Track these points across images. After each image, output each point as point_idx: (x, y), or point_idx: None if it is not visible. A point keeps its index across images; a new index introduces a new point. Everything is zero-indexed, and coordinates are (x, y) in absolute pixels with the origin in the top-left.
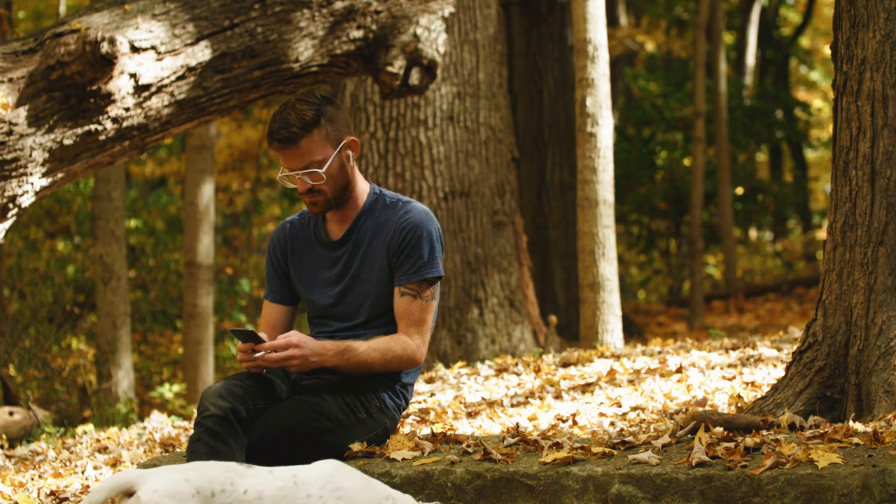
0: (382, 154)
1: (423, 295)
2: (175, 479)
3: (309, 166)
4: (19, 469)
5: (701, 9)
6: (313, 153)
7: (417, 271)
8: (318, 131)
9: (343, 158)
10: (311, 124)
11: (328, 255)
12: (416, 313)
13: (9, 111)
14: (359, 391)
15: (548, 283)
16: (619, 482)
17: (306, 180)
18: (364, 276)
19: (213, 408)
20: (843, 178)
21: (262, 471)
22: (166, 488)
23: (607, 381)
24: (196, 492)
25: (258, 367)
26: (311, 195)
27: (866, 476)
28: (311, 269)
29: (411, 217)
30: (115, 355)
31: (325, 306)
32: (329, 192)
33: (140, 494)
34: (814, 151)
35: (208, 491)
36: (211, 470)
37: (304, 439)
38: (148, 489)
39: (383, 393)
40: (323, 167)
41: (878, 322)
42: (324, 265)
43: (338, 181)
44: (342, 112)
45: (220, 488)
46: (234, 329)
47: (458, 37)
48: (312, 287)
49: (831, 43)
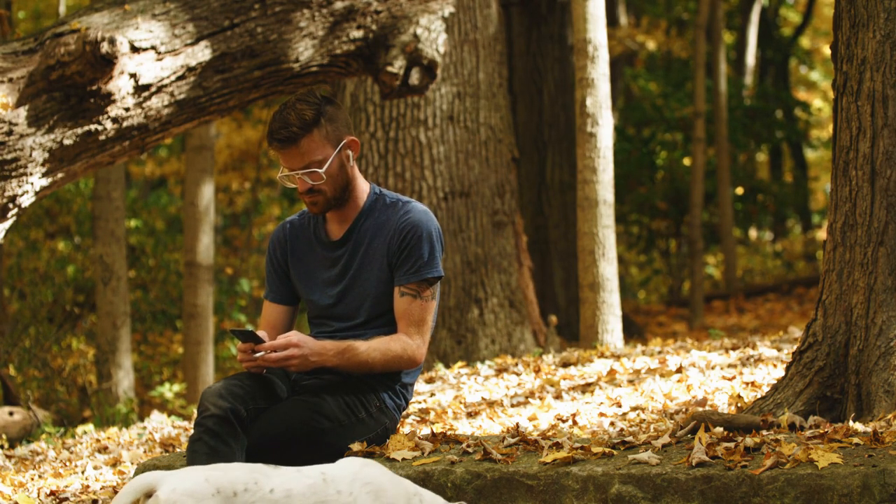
0: (382, 154)
1: (423, 295)
2: (195, 478)
3: (309, 166)
4: (19, 469)
5: (701, 9)
6: (313, 153)
7: (417, 271)
8: (317, 131)
9: (343, 158)
10: (311, 124)
11: (328, 255)
12: (416, 313)
13: (9, 111)
14: (359, 391)
15: (548, 283)
16: (619, 482)
17: (306, 180)
18: (364, 276)
19: (213, 408)
20: (843, 178)
21: (290, 470)
22: (185, 487)
23: (607, 381)
24: (216, 491)
25: (258, 368)
26: (311, 195)
27: (866, 476)
28: (311, 269)
29: (411, 217)
30: (115, 355)
31: (325, 306)
32: (329, 191)
33: (159, 493)
34: (814, 151)
35: (230, 490)
36: (234, 470)
37: (305, 439)
38: (167, 488)
39: (383, 393)
40: (323, 167)
41: (878, 322)
42: (324, 265)
43: (338, 181)
44: (342, 112)
45: (243, 487)
46: (234, 329)
47: (458, 37)
48: (312, 287)
49: (831, 43)
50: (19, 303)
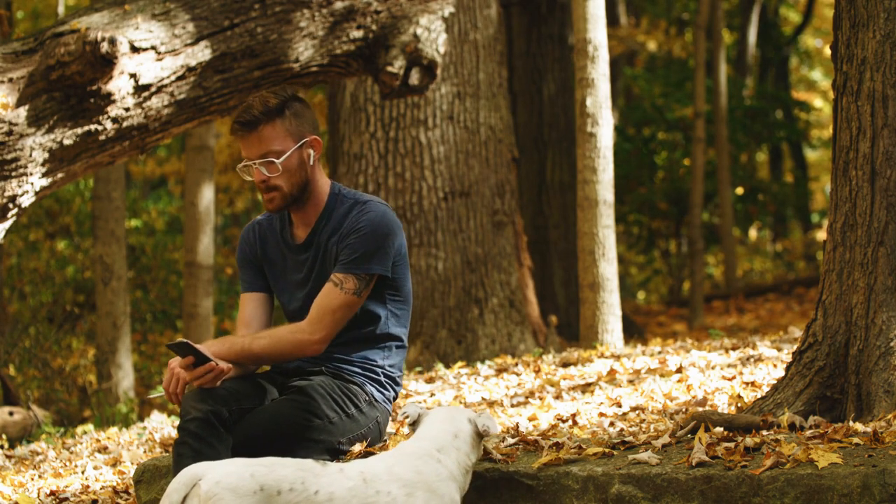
0: (382, 154)
1: (344, 286)
2: (240, 473)
3: (266, 156)
4: (19, 469)
5: (701, 9)
6: (272, 142)
7: (349, 264)
8: (280, 121)
9: (303, 156)
10: (274, 112)
11: (295, 258)
12: (327, 302)
13: (9, 111)
14: (346, 388)
15: (548, 283)
16: (619, 482)
17: (262, 171)
18: (324, 281)
19: (194, 411)
20: (843, 178)
21: (334, 469)
22: (228, 482)
23: (607, 381)
24: (260, 488)
25: (211, 382)
26: (268, 191)
27: (866, 476)
28: (282, 271)
29: (365, 216)
30: (115, 355)
31: (293, 310)
32: (286, 187)
33: (201, 484)
34: (814, 151)
35: (274, 489)
36: (282, 468)
37: (296, 438)
38: (210, 479)
39: (370, 386)
40: (280, 158)
41: (878, 322)
42: (293, 268)
43: (295, 177)
44: (310, 111)
45: (289, 487)
46: (171, 343)
47: (458, 37)
48: (283, 289)
49: (831, 43)
50: (19, 303)
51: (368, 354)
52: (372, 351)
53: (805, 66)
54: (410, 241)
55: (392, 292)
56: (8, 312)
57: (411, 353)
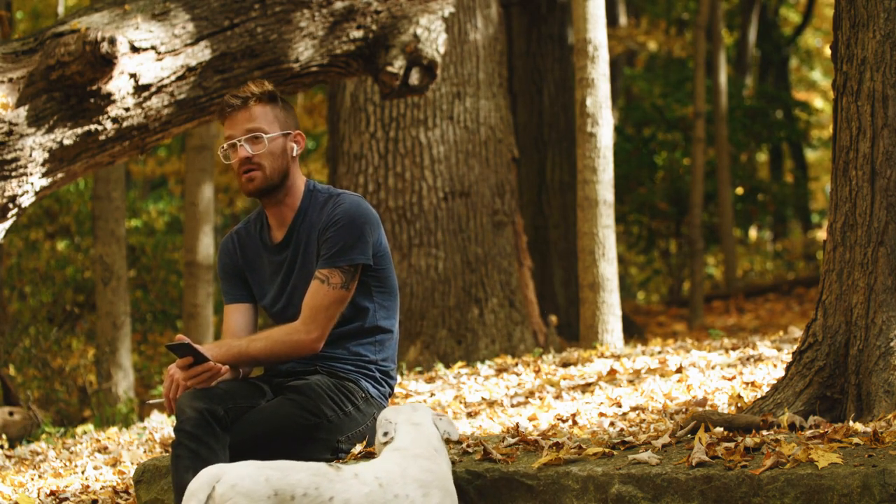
0: (382, 154)
1: (331, 282)
2: (255, 477)
3: (253, 131)
4: (19, 469)
5: (701, 9)
6: (260, 120)
7: (331, 258)
8: (271, 106)
9: (287, 146)
10: (267, 96)
11: (274, 259)
12: (318, 300)
13: (9, 111)
14: (342, 385)
15: (548, 283)
16: (619, 482)
17: (247, 148)
18: (307, 278)
19: (189, 411)
20: (843, 178)
21: (348, 474)
22: (243, 485)
23: (607, 381)
24: (274, 493)
25: (206, 382)
26: (249, 170)
27: (866, 476)
28: (262, 275)
29: (340, 208)
30: (115, 355)
31: (276, 312)
32: (267, 167)
33: (217, 486)
34: (814, 151)
35: (288, 494)
36: (297, 472)
37: (295, 437)
38: (225, 483)
39: (365, 382)
40: (267, 135)
41: (878, 322)
42: (272, 270)
43: (277, 162)
44: (293, 112)
45: (303, 492)
46: (170, 344)
47: (458, 36)
48: (265, 293)
49: (831, 43)
50: (19, 303)
51: (360, 350)
52: (363, 346)
53: (805, 66)
54: (410, 241)
55: (377, 284)
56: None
57: (411, 353)
